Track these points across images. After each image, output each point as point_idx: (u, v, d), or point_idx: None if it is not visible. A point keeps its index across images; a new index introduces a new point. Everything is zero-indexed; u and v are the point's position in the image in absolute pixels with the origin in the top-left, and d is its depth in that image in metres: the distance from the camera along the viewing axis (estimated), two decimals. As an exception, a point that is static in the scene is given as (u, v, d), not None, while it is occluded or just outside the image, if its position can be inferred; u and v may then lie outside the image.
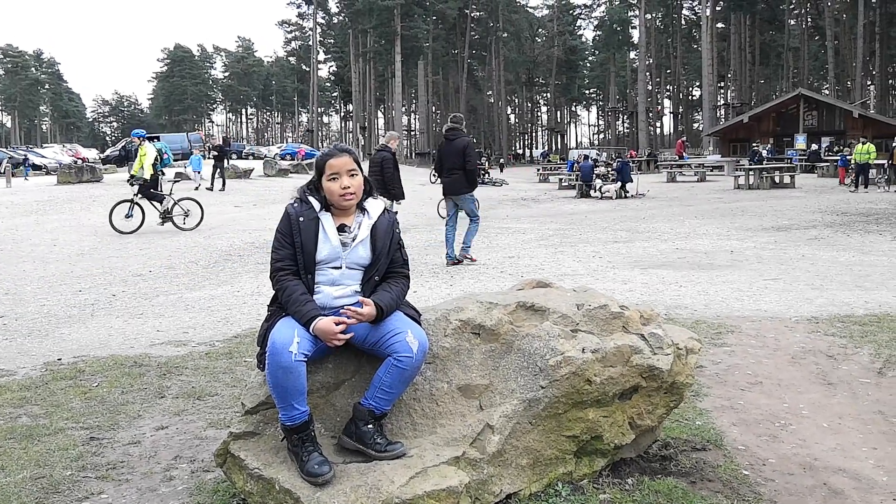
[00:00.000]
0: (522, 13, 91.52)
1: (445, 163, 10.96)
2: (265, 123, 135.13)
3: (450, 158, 10.84)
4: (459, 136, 10.90)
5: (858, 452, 3.76)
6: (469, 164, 10.82)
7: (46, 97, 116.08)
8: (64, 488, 3.50)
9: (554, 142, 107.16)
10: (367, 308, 2.98)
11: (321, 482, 2.81)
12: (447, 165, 10.92)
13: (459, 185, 10.88)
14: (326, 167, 3.15)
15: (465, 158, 10.75)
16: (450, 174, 10.90)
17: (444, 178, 11.06)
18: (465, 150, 10.75)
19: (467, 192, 10.98)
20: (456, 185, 10.89)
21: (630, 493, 3.19)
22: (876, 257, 10.69)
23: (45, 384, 5.32)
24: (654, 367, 3.28)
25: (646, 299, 7.80)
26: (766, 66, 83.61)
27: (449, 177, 10.93)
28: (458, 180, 10.84)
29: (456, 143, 10.80)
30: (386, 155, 11.77)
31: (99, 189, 26.68)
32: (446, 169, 10.95)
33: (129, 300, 9.20)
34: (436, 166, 11.87)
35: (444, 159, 10.98)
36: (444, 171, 11.05)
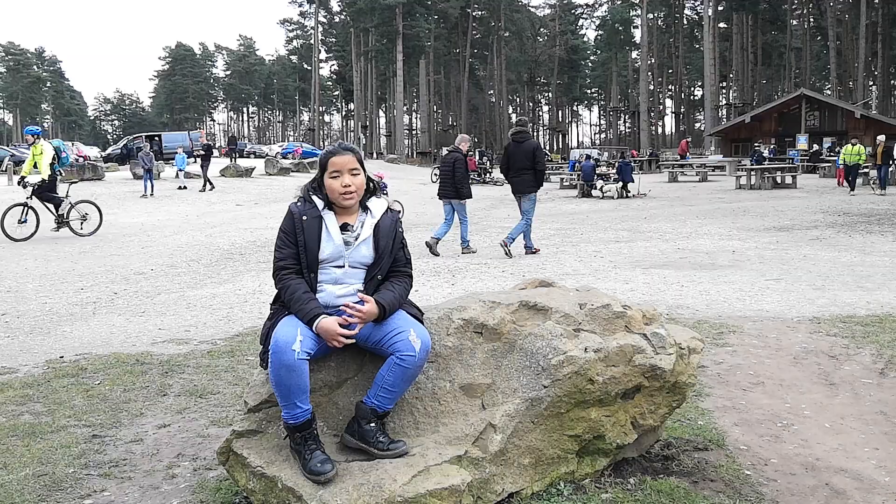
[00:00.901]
0: (524, 12, 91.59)
1: (514, 163, 11.65)
2: (266, 122, 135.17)
3: (519, 159, 11.55)
4: (528, 139, 11.80)
5: (860, 453, 3.76)
6: (539, 165, 11.57)
7: (48, 95, 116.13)
8: (66, 486, 3.50)
9: (556, 141, 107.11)
10: (369, 305, 2.98)
11: (323, 480, 2.81)
12: (516, 166, 11.61)
13: (527, 184, 11.63)
14: (329, 164, 3.15)
15: (536, 159, 11.50)
16: (519, 174, 11.60)
17: (513, 177, 11.73)
18: (535, 152, 11.55)
19: (533, 192, 11.73)
20: (524, 183, 11.63)
21: (632, 492, 3.19)
22: (878, 258, 10.69)
23: (47, 382, 5.32)
24: (656, 366, 3.28)
25: (647, 299, 7.80)
26: (768, 67, 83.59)
27: (518, 176, 11.63)
28: (527, 180, 11.58)
29: (525, 146, 11.60)
30: (458, 156, 12.41)
31: (100, 187, 26.70)
32: (515, 169, 11.63)
33: (131, 298, 9.20)
34: (502, 167, 12.45)
35: (513, 160, 11.67)
36: (511, 170, 11.73)
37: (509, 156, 11.85)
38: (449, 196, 12.49)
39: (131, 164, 33.44)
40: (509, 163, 11.83)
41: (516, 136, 11.91)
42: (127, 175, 32.32)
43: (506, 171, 12.03)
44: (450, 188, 12.42)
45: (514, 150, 11.71)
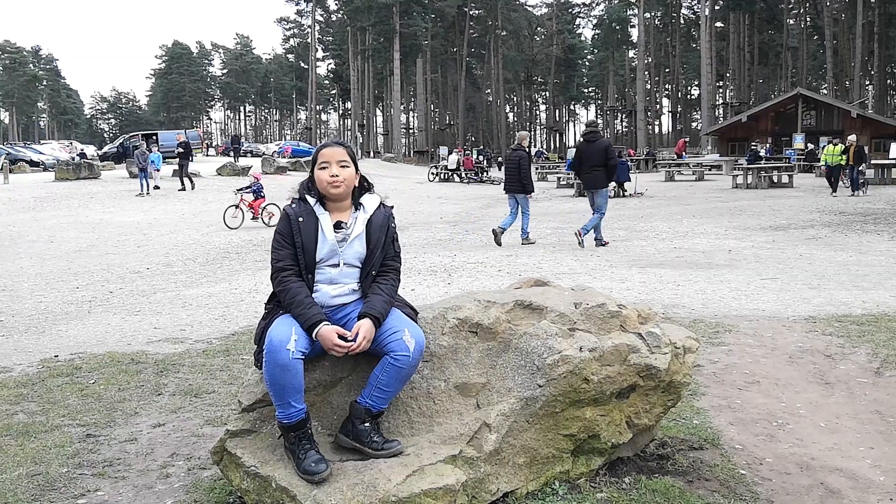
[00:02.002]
0: (521, 11, 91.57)
1: (586, 161, 12.44)
2: (263, 121, 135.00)
3: (591, 158, 12.34)
4: (598, 138, 12.66)
5: (855, 452, 3.76)
6: (612, 161, 12.40)
7: (44, 93, 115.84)
8: (60, 485, 3.49)
9: (553, 140, 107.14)
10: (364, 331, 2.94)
11: (318, 480, 2.80)
12: (589, 163, 12.39)
13: (600, 180, 12.39)
14: (319, 156, 3.19)
15: (608, 157, 12.31)
16: (591, 171, 12.41)
17: (585, 174, 12.58)
18: (606, 150, 12.38)
19: (605, 187, 12.51)
20: (597, 179, 12.40)
21: (627, 492, 3.19)
22: (874, 257, 10.70)
23: (41, 381, 5.31)
24: (651, 366, 3.28)
25: (644, 298, 7.80)
26: (764, 66, 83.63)
27: (590, 173, 12.44)
28: (599, 176, 12.36)
29: (596, 144, 12.43)
30: (522, 154, 13.36)
31: (97, 186, 26.65)
32: (587, 166, 12.43)
33: (127, 297, 9.19)
34: (574, 165, 13.34)
35: (585, 158, 12.47)
36: (584, 168, 12.54)
37: (581, 154, 12.62)
38: (514, 190, 13.34)
39: (127, 162, 33.37)
40: (581, 161, 12.59)
41: (588, 135, 12.75)
42: (123, 174, 32.27)
43: (578, 170, 12.90)
44: (515, 183, 13.27)
45: (585, 149, 12.51)
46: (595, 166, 12.36)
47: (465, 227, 17.19)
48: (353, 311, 3.10)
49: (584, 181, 12.91)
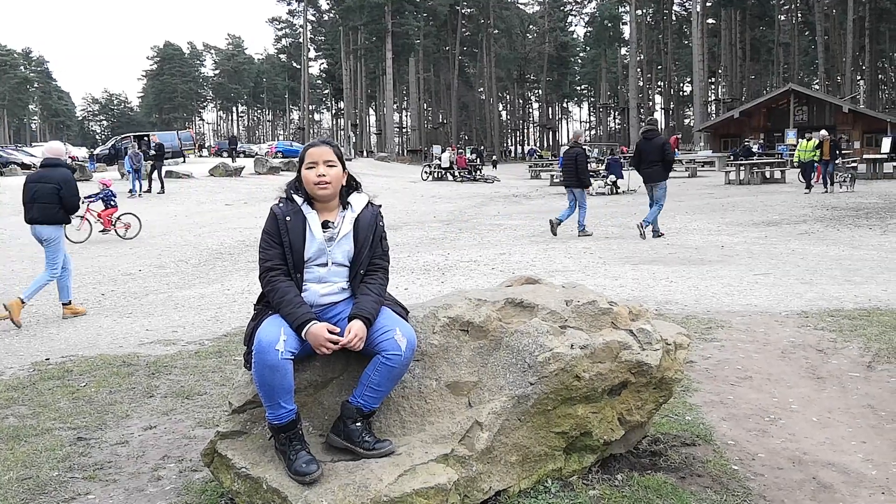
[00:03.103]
0: (513, 10, 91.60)
1: (645, 157, 13.36)
2: (256, 121, 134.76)
3: (649, 153, 13.27)
4: (656, 136, 13.54)
5: (847, 446, 3.77)
6: (668, 157, 13.33)
7: (35, 96, 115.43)
8: (51, 489, 3.48)
9: (546, 138, 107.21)
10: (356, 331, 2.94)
11: (309, 481, 2.79)
12: (647, 159, 13.31)
13: (658, 175, 13.26)
14: (306, 156, 3.18)
15: (665, 153, 13.24)
16: (650, 166, 13.30)
17: (644, 169, 13.43)
18: (663, 146, 13.31)
19: (663, 180, 13.30)
20: (655, 174, 13.28)
21: (619, 488, 3.19)
22: (866, 252, 10.73)
23: (32, 384, 5.29)
24: (642, 362, 3.27)
25: (636, 295, 7.80)
26: (756, 62, 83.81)
27: (649, 168, 13.33)
28: (657, 171, 13.25)
29: (654, 141, 13.35)
30: (579, 150, 14.29)
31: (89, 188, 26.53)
32: (646, 162, 13.34)
33: (119, 299, 9.16)
34: (633, 160, 14.21)
35: (644, 154, 13.39)
36: (643, 163, 13.43)
37: (640, 150, 13.52)
38: (572, 184, 14.25)
39: (118, 164, 33.23)
40: (640, 156, 13.48)
41: (647, 133, 13.64)
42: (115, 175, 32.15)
43: (637, 164, 13.68)
44: (573, 178, 14.17)
45: (644, 146, 13.43)
46: (653, 161, 13.22)
47: (458, 226, 17.18)
48: (342, 311, 3.09)
49: (643, 175, 13.63)
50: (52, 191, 8.04)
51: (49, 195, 8.05)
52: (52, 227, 8.11)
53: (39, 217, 8.08)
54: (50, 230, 8.09)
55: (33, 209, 8.11)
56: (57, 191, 8.05)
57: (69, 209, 8.26)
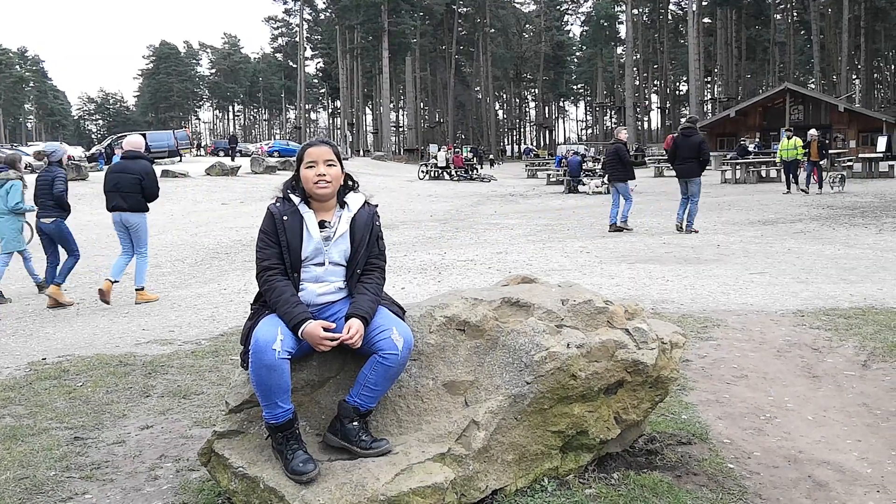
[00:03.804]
0: (509, 9, 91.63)
1: (681, 153, 13.85)
2: (252, 120, 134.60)
3: (685, 150, 13.76)
4: (694, 134, 13.97)
5: (843, 445, 3.78)
6: (703, 155, 13.80)
7: (31, 95, 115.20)
8: (48, 489, 3.48)
9: (542, 137, 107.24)
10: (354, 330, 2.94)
11: (306, 480, 2.79)
12: (682, 155, 13.81)
13: (692, 171, 13.74)
14: (305, 155, 3.17)
15: (701, 150, 13.73)
16: (684, 162, 13.80)
17: (679, 164, 13.96)
18: (700, 145, 13.80)
19: (697, 177, 13.78)
20: (689, 170, 13.77)
21: (616, 487, 3.20)
22: (861, 250, 10.76)
23: (29, 384, 5.28)
24: (638, 361, 3.28)
25: (633, 294, 7.81)
26: (752, 61, 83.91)
27: (684, 164, 13.82)
28: (692, 167, 13.72)
29: (692, 139, 13.80)
30: (620, 146, 14.85)
31: (84, 187, 26.49)
32: (681, 158, 13.84)
33: (115, 298, 9.14)
34: (669, 156, 14.79)
35: (680, 150, 13.86)
36: (678, 159, 13.93)
37: (677, 146, 13.98)
38: (616, 179, 14.74)
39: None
40: (677, 152, 13.97)
41: (684, 130, 14.10)
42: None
43: (672, 159, 14.29)
44: (616, 172, 14.74)
45: (682, 143, 13.85)
46: (688, 158, 13.71)
47: (455, 225, 17.18)
48: (339, 310, 3.10)
49: (678, 171, 14.11)
50: (134, 182, 8.68)
51: (131, 185, 8.68)
52: (137, 215, 8.80)
53: (124, 205, 8.72)
54: (135, 217, 8.80)
55: (116, 198, 8.73)
56: (139, 181, 8.69)
57: (149, 198, 8.88)
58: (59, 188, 8.93)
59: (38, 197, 9.07)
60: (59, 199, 8.96)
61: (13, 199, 9.19)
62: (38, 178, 9.14)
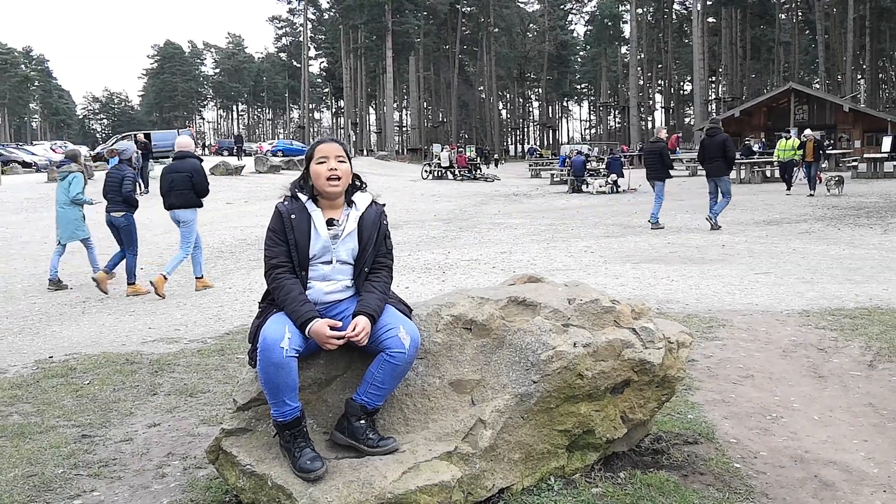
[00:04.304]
0: (513, 8, 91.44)
1: (708, 153, 14.25)
2: (256, 120, 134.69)
3: (711, 150, 14.11)
4: (718, 133, 14.26)
5: (849, 445, 3.78)
6: (729, 153, 14.08)
7: (36, 94, 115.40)
8: (56, 486, 3.49)
9: (546, 137, 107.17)
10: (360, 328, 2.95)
11: (313, 478, 2.81)
12: (709, 155, 14.19)
13: (720, 169, 14.14)
14: (316, 151, 3.18)
15: (726, 149, 13.99)
16: (711, 161, 14.18)
17: (707, 164, 14.34)
18: (724, 144, 14.05)
19: (725, 175, 14.24)
20: (717, 169, 14.15)
21: (622, 486, 3.20)
22: (866, 251, 10.74)
23: (36, 382, 5.30)
24: (645, 360, 3.29)
25: (637, 294, 7.81)
26: (756, 61, 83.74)
27: (712, 163, 14.19)
28: (719, 166, 14.11)
29: (716, 138, 14.12)
30: (661, 145, 15.29)
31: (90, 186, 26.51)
32: (708, 158, 14.24)
33: (121, 297, 9.17)
34: (699, 156, 15.33)
35: (707, 150, 14.27)
36: (706, 159, 14.33)
37: (704, 147, 14.41)
38: (655, 178, 15.06)
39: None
40: (704, 153, 14.41)
41: (709, 131, 14.49)
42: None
43: (701, 160, 14.67)
44: (656, 171, 15.03)
45: (708, 143, 14.26)
46: (715, 157, 14.07)
47: (458, 225, 17.19)
48: (347, 309, 3.10)
49: (707, 170, 14.47)
50: (185, 179, 9.24)
51: (183, 182, 9.24)
52: (188, 211, 9.34)
53: (177, 202, 9.29)
54: (186, 213, 9.33)
55: (171, 196, 9.32)
56: (189, 178, 9.24)
57: (200, 193, 9.39)
58: (127, 188, 9.50)
59: (108, 192, 9.64)
60: (127, 197, 9.54)
61: (74, 191, 10.02)
62: (108, 175, 9.77)
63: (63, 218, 10.14)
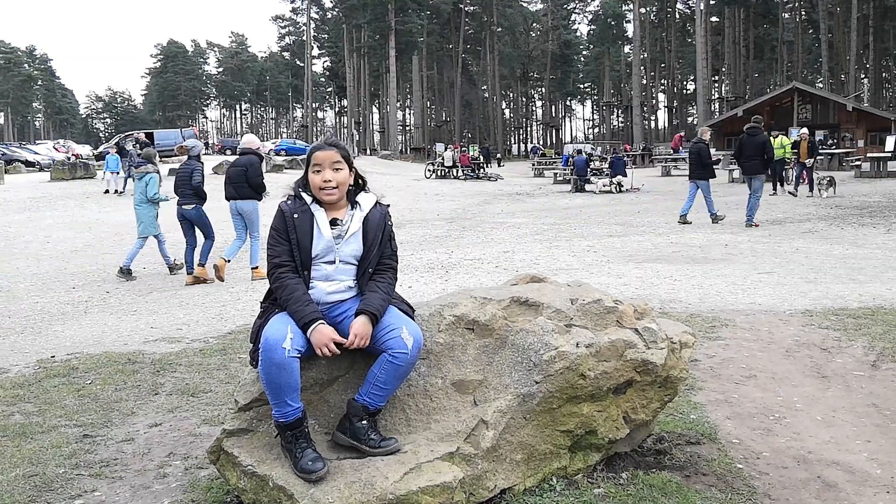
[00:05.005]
0: (517, 7, 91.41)
1: (746, 151, 14.66)
2: (259, 119, 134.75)
3: (750, 149, 14.56)
4: (758, 133, 14.73)
5: (852, 445, 3.77)
6: (768, 154, 14.73)
7: (39, 93, 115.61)
8: (57, 486, 3.49)
9: (549, 136, 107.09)
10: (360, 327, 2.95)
11: (315, 479, 2.80)
12: (747, 153, 14.62)
13: (757, 168, 14.60)
14: (312, 159, 3.16)
15: (765, 149, 14.60)
16: (749, 160, 14.59)
17: (744, 162, 14.82)
18: (764, 144, 14.64)
19: (762, 173, 14.85)
20: (754, 167, 14.60)
21: (624, 487, 3.19)
22: (870, 250, 10.71)
23: (38, 382, 5.30)
24: (647, 361, 3.28)
25: (640, 293, 7.80)
26: (760, 60, 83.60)
27: (749, 161, 14.64)
28: (756, 164, 14.60)
29: (756, 138, 14.58)
30: (702, 145, 15.49)
31: (93, 186, 26.59)
32: (746, 156, 14.66)
33: (123, 297, 9.18)
34: (736, 153, 15.50)
35: (745, 149, 14.67)
36: (743, 157, 14.74)
37: (743, 145, 14.78)
38: (697, 177, 15.26)
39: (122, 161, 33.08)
40: (742, 151, 14.77)
41: (749, 130, 14.82)
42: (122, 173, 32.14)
43: (738, 157, 15.11)
44: (698, 171, 15.27)
45: (747, 142, 14.63)
46: (753, 156, 14.49)
47: (462, 224, 17.18)
48: (349, 309, 3.09)
49: (743, 168, 15.02)
50: (241, 173, 9.93)
51: (239, 176, 9.93)
52: (246, 202, 10.04)
53: (235, 194, 9.99)
54: (244, 204, 10.05)
55: (229, 188, 10.05)
56: (244, 172, 9.89)
57: (254, 187, 10.02)
58: (196, 179, 10.26)
59: (179, 187, 10.37)
60: (197, 189, 10.30)
61: (151, 190, 10.76)
62: (178, 171, 10.51)
63: (140, 215, 10.88)
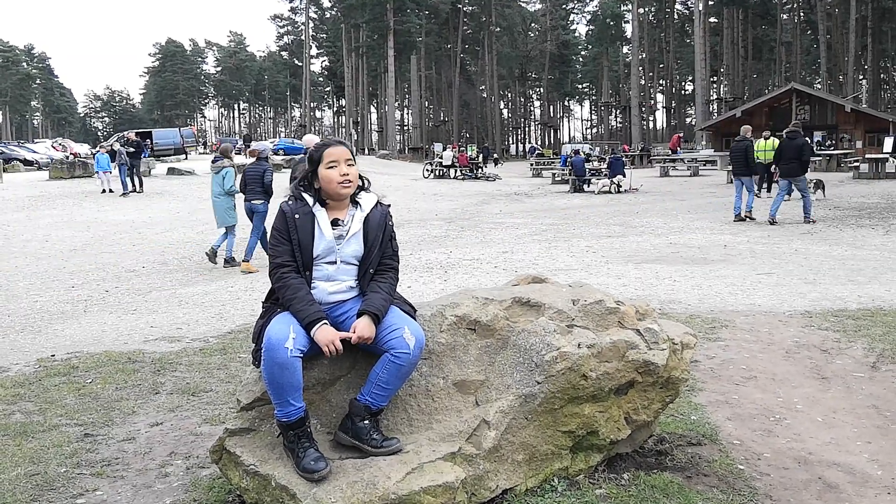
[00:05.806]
0: (515, 8, 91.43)
1: (785, 154, 15.13)
2: (258, 118, 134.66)
3: (790, 152, 14.98)
4: (798, 137, 15.14)
5: (853, 446, 3.77)
6: (804, 157, 15.01)
7: (38, 92, 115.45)
8: (58, 485, 3.49)
9: (547, 136, 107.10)
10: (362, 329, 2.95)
11: (317, 478, 2.80)
12: (787, 156, 15.06)
13: (795, 171, 14.99)
14: (325, 155, 3.15)
15: (803, 152, 14.92)
16: (788, 162, 15.03)
17: (783, 164, 15.22)
18: (803, 147, 15.00)
19: (800, 175, 15.06)
20: (792, 170, 15.01)
21: (626, 488, 3.20)
22: (869, 251, 10.73)
23: (38, 381, 5.30)
24: (649, 361, 3.28)
25: (640, 294, 7.80)
26: (758, 61, 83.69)
27: (788, 164, 15.05)
28: (794, 167, 14.97)
29: (795, 141, 15.00)
30: (746, 143, 15.93)
31: (91, 185, 26.55)
32: (785, 159, 15.10)
33: (123, 296, 9.17)
34: (775, 157, 16.11)
35: (785, 152, 15.16)
36: (782, 160, 15.22)
37: (782, 148, 15.35)
38: (741, 174, 15.81)
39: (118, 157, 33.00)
40: (782, 154, 15.30)
41: (790, 133, 15.31)
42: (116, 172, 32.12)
43: (777, 160, 15.63)
44: (743, 167, 15.76)
45: (786, 144, 15.15)
46: (791, 159, 14.93)
47: (460, 224, 17.19)
48: (351, 309, 3.10)
49: (782, 170, 15.39)
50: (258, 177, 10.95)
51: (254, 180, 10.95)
52: (258, 202, 11.00)
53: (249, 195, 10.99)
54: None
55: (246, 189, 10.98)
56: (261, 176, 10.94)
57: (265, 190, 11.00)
58: (268, 178, 11.03)
59: (248, 184, 11.00)
60: (268, 186, 11.01)
61: (227, 184, 11.44)
62: (248, 170, 11.17)
63: (217, 207, 11.54)
